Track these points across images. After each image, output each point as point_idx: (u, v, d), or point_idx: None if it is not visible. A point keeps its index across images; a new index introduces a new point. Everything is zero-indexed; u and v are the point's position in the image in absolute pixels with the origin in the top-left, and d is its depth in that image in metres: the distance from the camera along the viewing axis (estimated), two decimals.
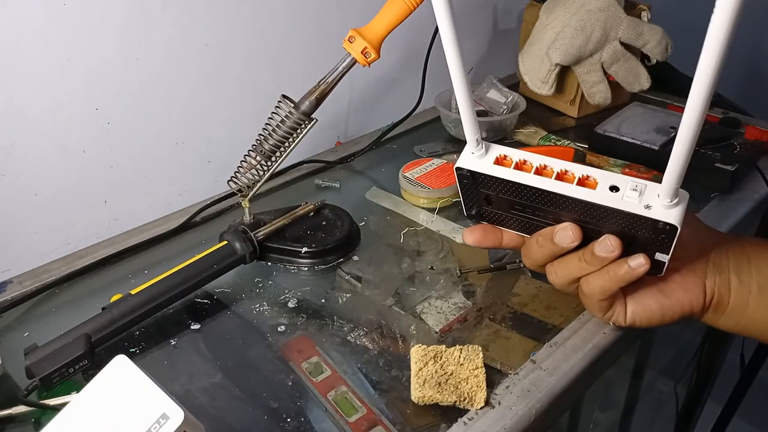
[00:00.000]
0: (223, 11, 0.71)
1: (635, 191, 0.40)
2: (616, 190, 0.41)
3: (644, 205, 0.40)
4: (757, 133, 0.79)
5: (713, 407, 1.19)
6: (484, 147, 0.44)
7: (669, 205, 0.40)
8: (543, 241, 0.47)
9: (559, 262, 0.48)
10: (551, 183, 0.42)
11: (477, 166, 0.45)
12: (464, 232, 0.51)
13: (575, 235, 0.44)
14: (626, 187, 0.41)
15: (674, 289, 0.48)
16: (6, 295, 0.60)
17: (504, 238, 0.50)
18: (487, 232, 0.50)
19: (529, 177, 0.43)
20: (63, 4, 0.59)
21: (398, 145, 0.89)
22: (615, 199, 0.41)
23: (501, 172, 0.44)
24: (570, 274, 0.47)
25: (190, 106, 0.73)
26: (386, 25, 0.59)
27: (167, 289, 0.56)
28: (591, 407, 0.80)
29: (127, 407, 0.38)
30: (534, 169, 0.43)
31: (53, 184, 0.65)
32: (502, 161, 0.44)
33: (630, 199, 0.41)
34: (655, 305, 0.48)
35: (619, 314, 0.49)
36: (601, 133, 0.83)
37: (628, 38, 0.86)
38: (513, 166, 0.44)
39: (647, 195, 0.40)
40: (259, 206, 0.71)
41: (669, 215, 0.40)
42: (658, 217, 0.40)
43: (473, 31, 1.05)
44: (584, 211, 0.43)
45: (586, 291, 0.47)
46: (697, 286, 0.47)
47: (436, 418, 0.47)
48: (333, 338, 0.55)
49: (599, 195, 0.41)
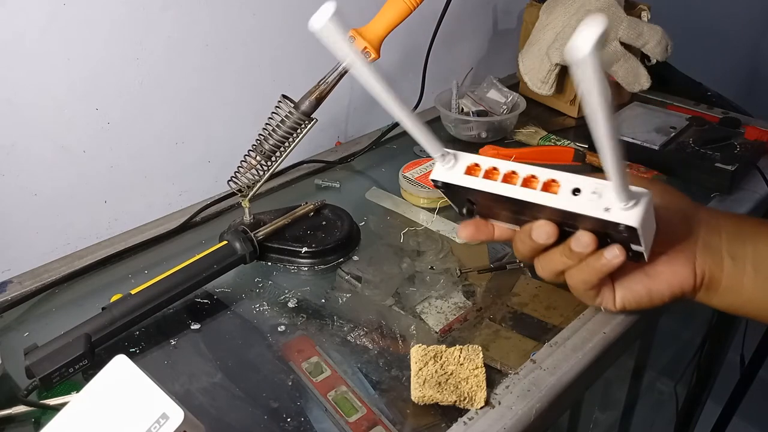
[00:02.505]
0: (223, 11, 0.71)
1: (595, 194, 0.41)
2: (578, 193, 0.42)
3: (603, 208, 0.41)
4: (757, 133, 0.79)
5: (713, 407, 1.19)
6: (453, 158, 0.46)
7: (626, 207, 0.40)
8: (524, 238, 0.48)
9: (544, 256, 0.49)
10: (516, 190, 0.44)
11: (448, 177, 0.46)
12: (458, 227, 0.52)
13: (550, 232, 0.46)
14: (587, 190, 0.42)
15: (662, 271, 0.48)
16: (6, 295, 0.60)
17: (496, 232, 0.51)
18: (479, 227, 0.51)
19: (496, 185, 0.45)
20: (63, 4, 0.59)
21: (398, 145, 0.89)
22: (576, 202, 0.42)
23: (470, 182, 0.45)
24: (554, 267, 0.48)
25: (190, 106, 0.73)
26: (386, 25, 0.59)
27: (167, 289, 0.56)
28: (591, 407, 0.80)
29: (127, 407, 0.38)
30: (501, 176, 0.45)
31: (53, 184, 0.65)
32: (473, 170, 0.46)
33: (590, 202, 0.41)
34: (642, 289, 0.49)
35: (608, 300, 0.50)
36: None
37: (628, 38, 0.86)
38: (482, 174, 0.45)
39: (606, 197, 0.41)
40: (259, 206, 0.71)
41: (627, 217, 0.40)
42: (616, 219, 0.41)
43: (473, 31, 1.05)
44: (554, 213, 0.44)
45: (571, 283, 0.49)
46: (686, 267, 0.48)
47: (436, 418, 0.47)
48: (333, 338, 0.55)
49: (561, 200, 0.42)
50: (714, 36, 1.25)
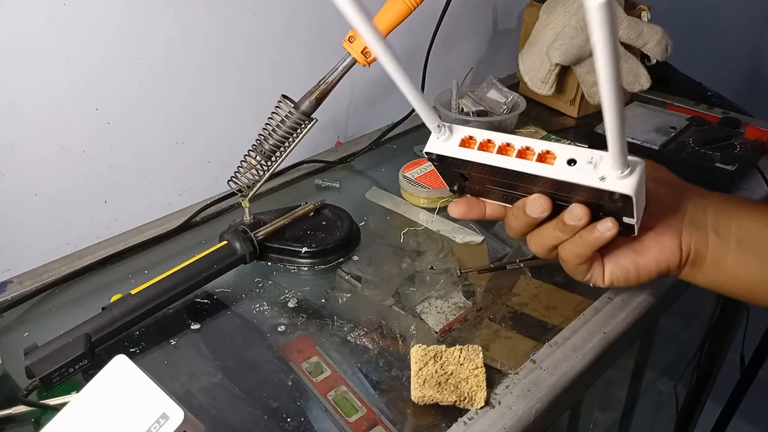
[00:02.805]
0: (224, 11, 0.71)
1: (590, 164, 0.42)
2: (574, 164, 0.42)
3: (599, 177, 0.41)
4: (757, 133, 0.79)
5: (713, 407, 1.19)
6: (448, 130, 0.46)
7: (622, 175, 0.41)
8: (517, 213, 0.48)
9: (537, 231, 0.49)
10: (512, 161, 0.44)
11: (443, 149, 0.46)
12: (450, 205, 0.52)
13: (544, 205, 0.46)
14: (582, 160, 0.42)
15: (649, 247, 0.49)
16: (6, 295, 0.60)
17: (487, 210, 0.52)
18: (471, 205, 0.51)
19: (491, 157, 0.44)
20: (63, 4, 0.59)
21: (398, 145, 0.89)
22: (572, 172, 0.42)
23: (465, 154, 0.45)
24: (547, 242, 0.49)
25: (190, 106, 0.73)
26: (386, 25, 0.59)
27: (167, 289, 0.56)
28: (591, 407, 0.80)
29: (127, 407, 0.38)
30: (497, 148, 0.45)
31: (53, 184, 0.65)
32: (467, 142, 0.46)
33: (585, 172, 0.42)
34: (630, 265, 0.49)
35: (597, 276, 0.50)
36: (601, 133, 0.82)
37: (628, 38, 0.86)
38: (477, 146, 0.45)
39: (602, 167, 0.41)
40: (259, 206, 0.71)
41: (622, 185, 0.41)
42: (611, 188, 0.41)
43: (473, 31, 1.05)
44: (549, 185, 0.44)
45: (564, 257, 0.49)
46: (673, 242, 0.48)
47: (436, 417, 0.47)
48: (333, 338, 0.55)
49: (557, 170, 0.43)
50: (714, 36, 1.25)
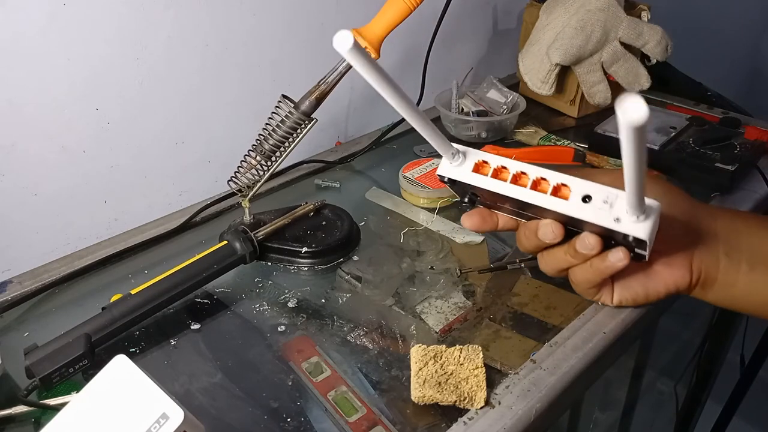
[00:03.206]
0: (224, 11, 0.71)
1: (606, 203, 0.42)
2: (588, 200, 0.42)
3: (614, 218, 0.41)
4: (757, 133, 0.79)
5: (713, 407, 1.19)
6: (461, 156, 0.45)
7: (638, 220, 0.41)
8: (529, 234, 0.48)
9: (548, 253, 0.49)
10: (526, 193, 0.44)
11: (455, 174, 0.46)
12: (463, 217, 0.52)
13: (556, 232, 0.46)
14: (598, 198, 0.42)
15: (659, 271, 0.49)
16: (6, 295, 0.60)
17: (500, 222, 0.52)
18: (485, 218, 0.51)
19: (504, 186, 0.44)
20: (63, 4, 0.59)
21: (398, 145, 0.89)
22: (586, 210, 0.42)
23: (478, 181, 0.45)
24: (558, 265, 0.49)
25: (190, 106, 0.73)
26: (386, 25, 0.59)
27: (167, 289, 0.56)
28: (591, 407, 0.81)
29: (127, 407, 0.38)
30: (510, 177, 0.44)
31: (53, 184, 0.65)
32: (481, 168, 0.45)
33: (600, 211, 0.42)
34: (640, 288, 0.50)
35: (606, 297, 0.51)
36: (601, 133, 0.82)
37: (628, 38, 0.86)
38: (491, 173, 0.45)
39: (617, 207, 0.41)
40: (259, 206, 0.71)
41: (637, 229, 0.41)
42: (626, 231, 0.41)
43: (473, 31, 1.05)
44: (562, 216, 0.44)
45: (574, 280, 0.50)
46: (684, 266, 0.48)
47: (436, 418, 0.47)
48: (333, 338, 0.55)
49: (571, 206, 0.43)
50: (714, 36, 1.25)
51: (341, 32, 0.31)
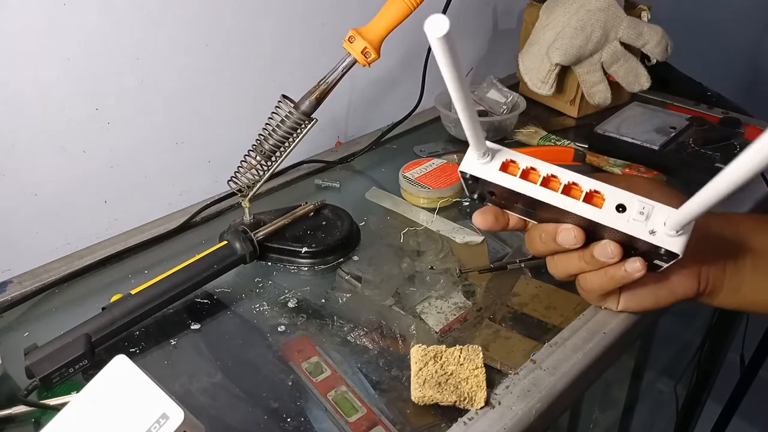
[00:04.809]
0: (223, 11, 0.71)
1: (642, 214, 0.41)
2: (623, 210, 0.41)
3: (649, 231, 0.41)
4: (757, 133, 0.78)
5: (713, 407, 1.19)
6: (490, 155, 0.44)
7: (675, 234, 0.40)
8: (545, 238, 0.47)
9: (561, 257, 0.48)
10: (558, 198, 0.42)
11: (481, 172, 0.44)
12: (474, 215, 0.50)
13: (578, 238, 0.45)
14: (633, 208, 0.41)
15: (669, 280, 0.49)
16: (6, 295, 0.60)
17: (510, 222, 0.50)
18: (498, 217, 0.49)
19: (535, 189, 0.42)
20: (63, 4, 0.59)
21: (398, 145, 0.89)
22: (621, 220, 0.41)
23: (507, 181, 0.43)
24: (569, 270, 0.48)
25: (190, 106, 0.73)
26: (386, 25, 0.59)
27: (167, 289, 0.56)
28: (591, 407, 0.81)
29: (127, 407, 0.38)
30: (541, 179, 0.43)
31: (53, 184, 0.65)
32: (508, 166, 0.43)
33: (636, 222, 0.41)
34: (647, 295, 0.50)
35: (611, 303, 0.51)
36: (601, 133, 0.83)
37: (628, 38, 0.86)
38: (519, 174, 0.43)
39: (653, 219, 0.41)
40: (259, 206, 0.71)
41: (673, 243, 0.40)
42: (661, 244, 0.40)
43: (473, 31, 1.05)
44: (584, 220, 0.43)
45: (585, 287, 0.49)
46: (692, 274, 0.48)
47: (436, 418, 0.47)
48: (333, 338, 0.55)
49: (605, 215, 0.41)
50: (714, 36, 1.25)
51: (438, 17, 0.29)
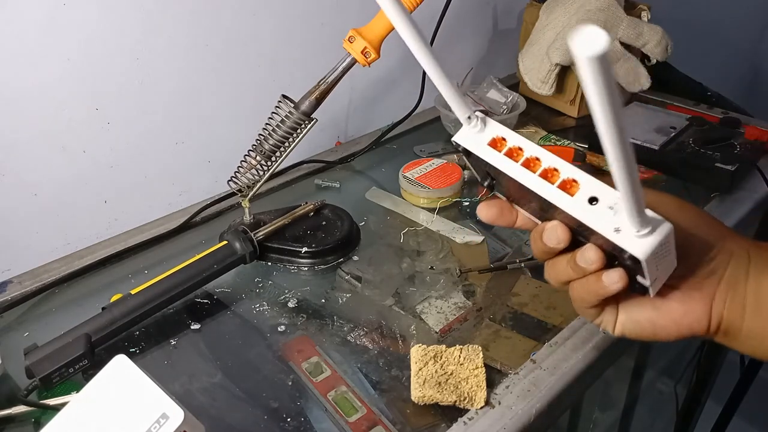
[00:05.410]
0: (223, 11, 0.71)
1: (611, 209, 0.36)
2: (594, 203, 0.36)
3: (614, 228, 0.35)
4: (757, 133, 0.79)
5: (713, 407, 1.19)
6: (480, 122, 0.40)
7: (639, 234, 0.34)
8: (535, 236, 0.43)
9: (553, 261, 0.43)
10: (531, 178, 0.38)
11: (469, 143, 0.41)
12: (480, 206, 0.46)
13: (561, 237, 0.40)
14: (605, 202, 0.36)
15: (673, 308, 0.42)
16: (6, 295, 0.60)
17: (519, 220, 0.46)
18: (503, 211, 0.45)
19: (513, 167, 0.39)
20: (63, 4, 0.59)
21: (398, 145, 0.89)
22: (587, 212, 0.36)
23: (489, 156, 0.40)
24: (560, 276, 0.43)
25: (191, 106, 0.73)
26: (386, 25, 0.59)
27: (167, 289, 0.56)
28: (591, 407, 0.80)
29: (127, 407, 0.38)
30: (523, 159, 0.39)
31: (53, 184, 0.65)
32: (497, 143, 0.40)
33: (602, 216, 0.36)
34: (647, 322, 0.43)
35: (608, 323, 0.44)
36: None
37: (628, 38, 0.86)
38: (504, 151, 0.40)
39: (621, 216, 0.35)
40: (259, 206, 0.71)
41: (634, 246, 0.34)
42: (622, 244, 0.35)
43: (473, 31, 1.05)
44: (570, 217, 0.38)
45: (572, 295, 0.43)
46: (701, 307, 0.41)
47: (436, 417, 0.47)
48: (333, 338, 0.55)
49: (573, 204, 0.37)
50: (714, 36, 1.25)
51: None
